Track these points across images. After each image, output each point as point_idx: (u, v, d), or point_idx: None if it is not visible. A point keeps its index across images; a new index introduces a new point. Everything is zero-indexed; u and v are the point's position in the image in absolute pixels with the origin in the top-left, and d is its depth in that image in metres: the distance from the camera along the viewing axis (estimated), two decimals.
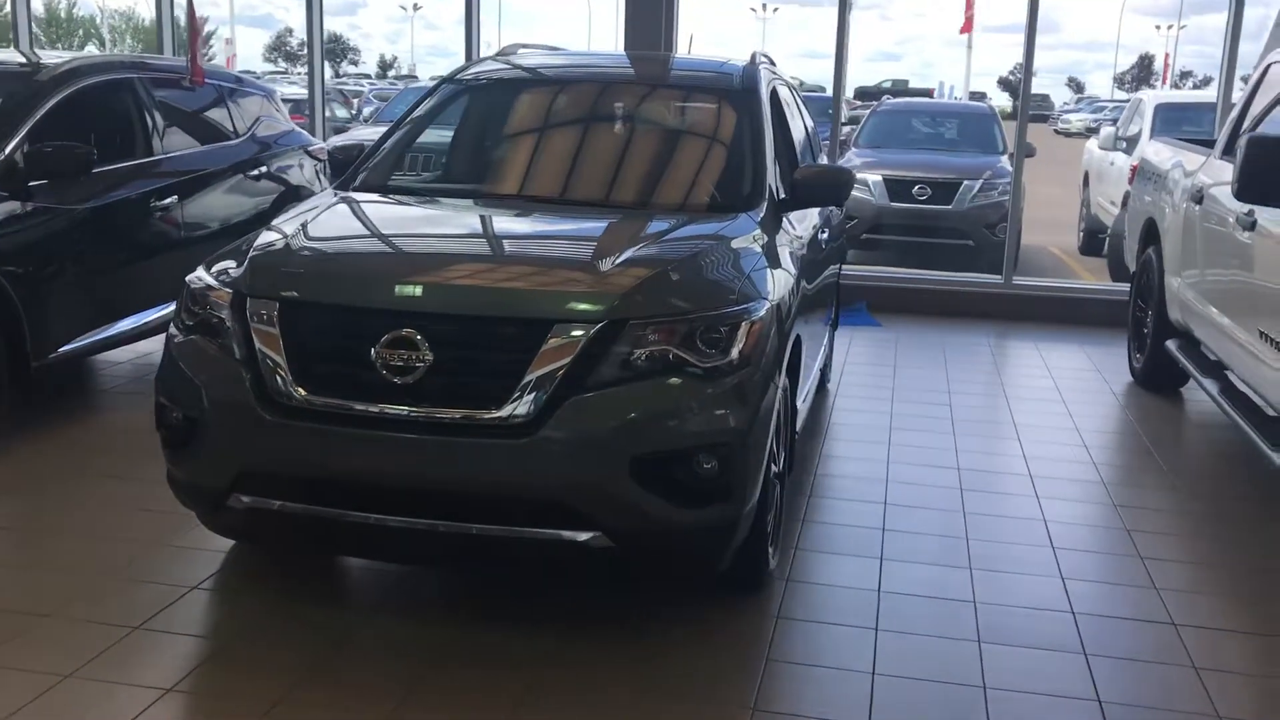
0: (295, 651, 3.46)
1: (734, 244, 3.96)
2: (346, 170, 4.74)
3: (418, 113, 4.98)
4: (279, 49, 65.41)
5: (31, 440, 5.27)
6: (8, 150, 5.18)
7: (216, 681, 3.31)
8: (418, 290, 3.44)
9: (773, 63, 6.36)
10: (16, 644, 3.45)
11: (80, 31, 58.56)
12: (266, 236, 3.83)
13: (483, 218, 4.25)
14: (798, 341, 4.19)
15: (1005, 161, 11.79)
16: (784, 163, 4.79)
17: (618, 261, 3.58)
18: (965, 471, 5.33)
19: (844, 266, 7.12)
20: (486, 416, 3.26)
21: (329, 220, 4.01)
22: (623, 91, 5.03)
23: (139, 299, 5.88)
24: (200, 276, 3.72)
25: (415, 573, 4.02)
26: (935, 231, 11.37)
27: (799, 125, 5.96)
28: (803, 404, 4.77)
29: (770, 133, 4.68)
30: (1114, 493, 5.15)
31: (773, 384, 3.65)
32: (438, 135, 5.30)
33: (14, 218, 5.12)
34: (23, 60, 6.01)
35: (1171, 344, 6.47)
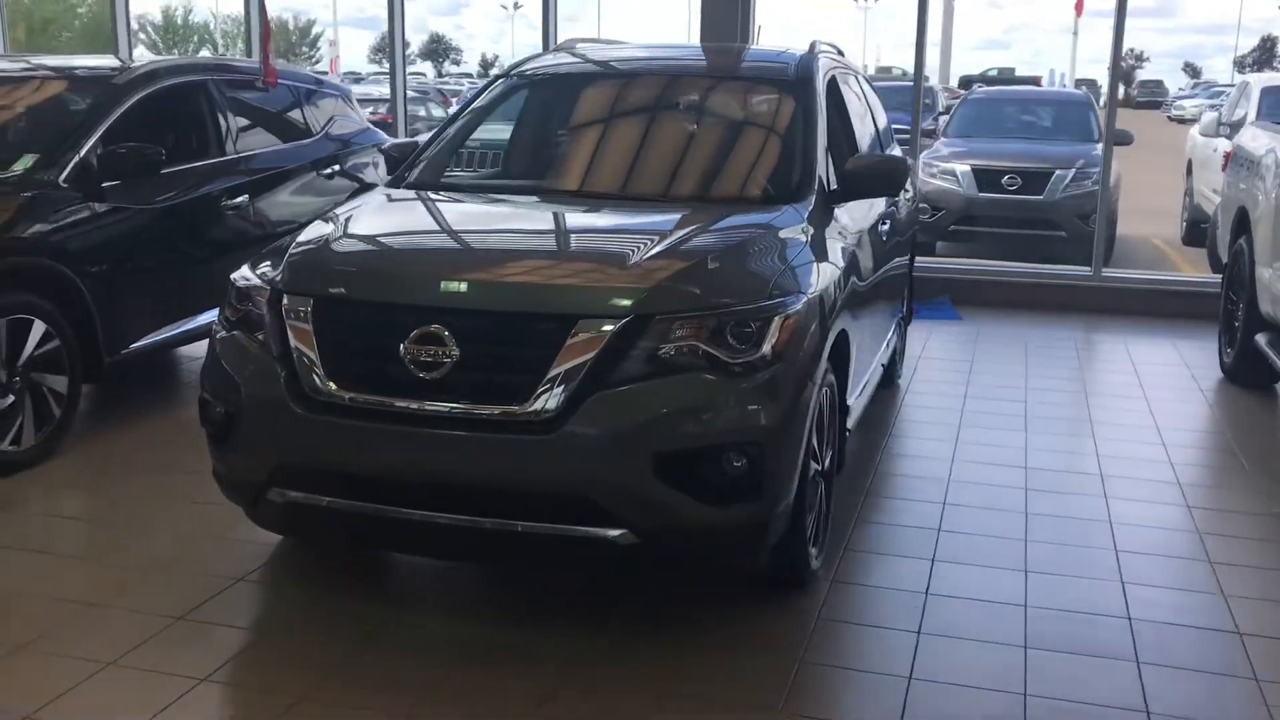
0: (327, 645, 3.49)
1: (775, 236, 3.88)
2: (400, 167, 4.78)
3: (471, 109, 5.00)
4: (383, 50, 66.71)
5: (102, 434, 5.44)
6: (83, 152, 5.34)
7: (249, 673, 3.37)
8: (444, 286, 3.44)
9: (840, 52, 6.26)
10: (66, 632, 3.55)
11: (195, 37, 60.46)
12: (306, 234, 3.88)
13: (523, 214, 4.24)
14: (844, 336, 4.10)
15: (1101, 150, 11.41)
16: (840, 154, 4.69)
17: (648, 256, 3.54)
18: (1033, 471, 5.17)
19: (928, 258, 7.04)
20: (511, 412, 3.25)
21: (368, 218, 4.04)
22: (675, 85, 4.98)
23: (211, 295, 5.99)
24: (244, 274, 3.78)
25: (454, 567, 4.04)
26: (1026, 223, 11.06)
27: (865, 115, 5.84)
28: (856, 400, 4.66)
29: (823, 123, 4.59)
30: (1189, 494, 4.94)
31: (811, 381, 3.57)
32: (501, 131, 5.32)
33: (88, 218, 5.27)
34: (107, 65, 6.18)
35: (1262, 338, 6.18)
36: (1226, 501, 4.88)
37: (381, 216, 4.07)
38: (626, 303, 3.32)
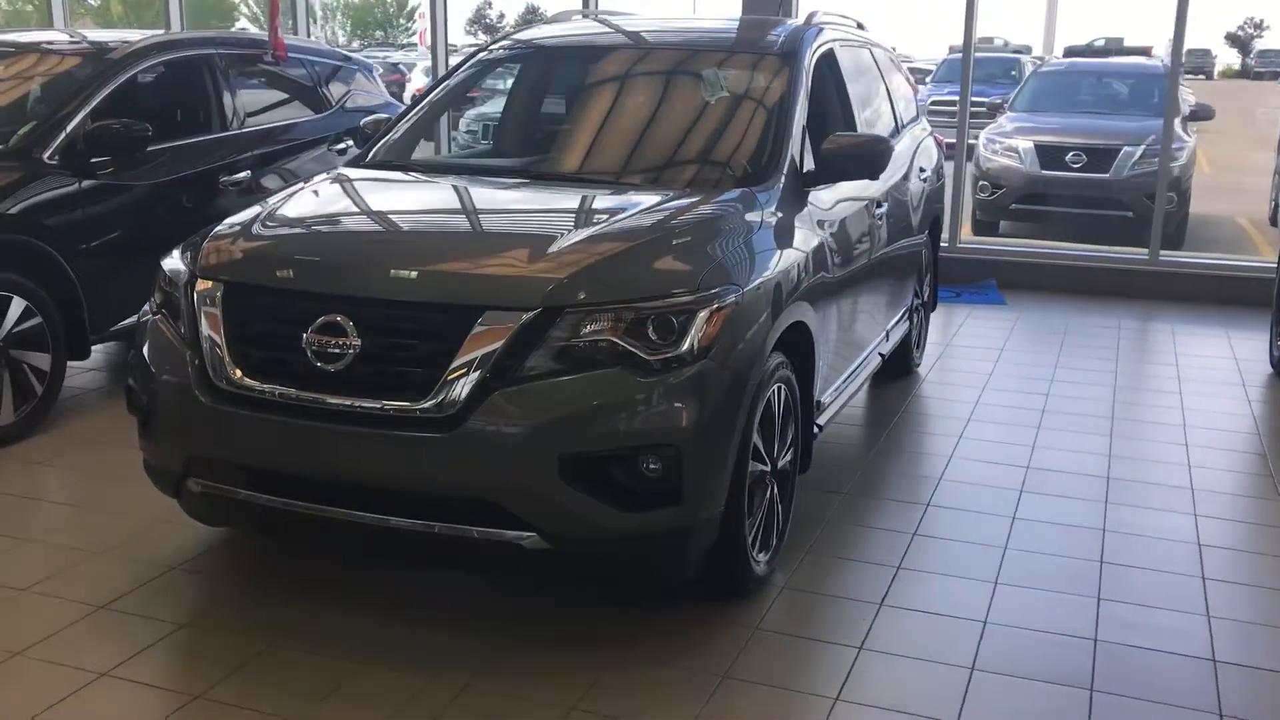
0: (239, 641, 3.39)
1: (723, 222, 3.66)
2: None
3: (445, 86, 4.84)
4: (479, 21, 66.81)
5: (90, 412, 5.43)
6: (69, 129, 5.31)
7: (150, 668, 3.26)
8: (347, 274, 3.30)
9: (861, 26, 5.98)
10: None
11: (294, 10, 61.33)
12: (234, 217, 3.76)
13: (460, 196, 4.05)
14: (803, 329, 3.86)
15: (1177, 125, 10.83)
16: (826, 133, 4.42)
17: (570, 243, 3.35)
18: (1034, 471, 4.86)
19: (975, 239, 6.62)
20: (410, 408, 3.10)
21: (300, 201, 3.89)
22: (652, 60, 4.75)
23: None
24: (170, 257, 3.68)
25: (391, 562, 3.91)
26: (1091, 202, 10.58)
27: (876, 92, 5.54)
28: (832, 395, 4.42)
29: (802, 101, 4.32)
30: (1200, 501, 4.59)
31: (747, 378, 3.35)
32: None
33: (74, 195, 5.25)
34: (100, 40, 6.15)
35: None
36: (1239, 511, 4.52)
37: (315, 199, 3.92)
38: (535, 294, 3.13)
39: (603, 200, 3.83)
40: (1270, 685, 3.28)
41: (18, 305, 4.97)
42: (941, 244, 8.82)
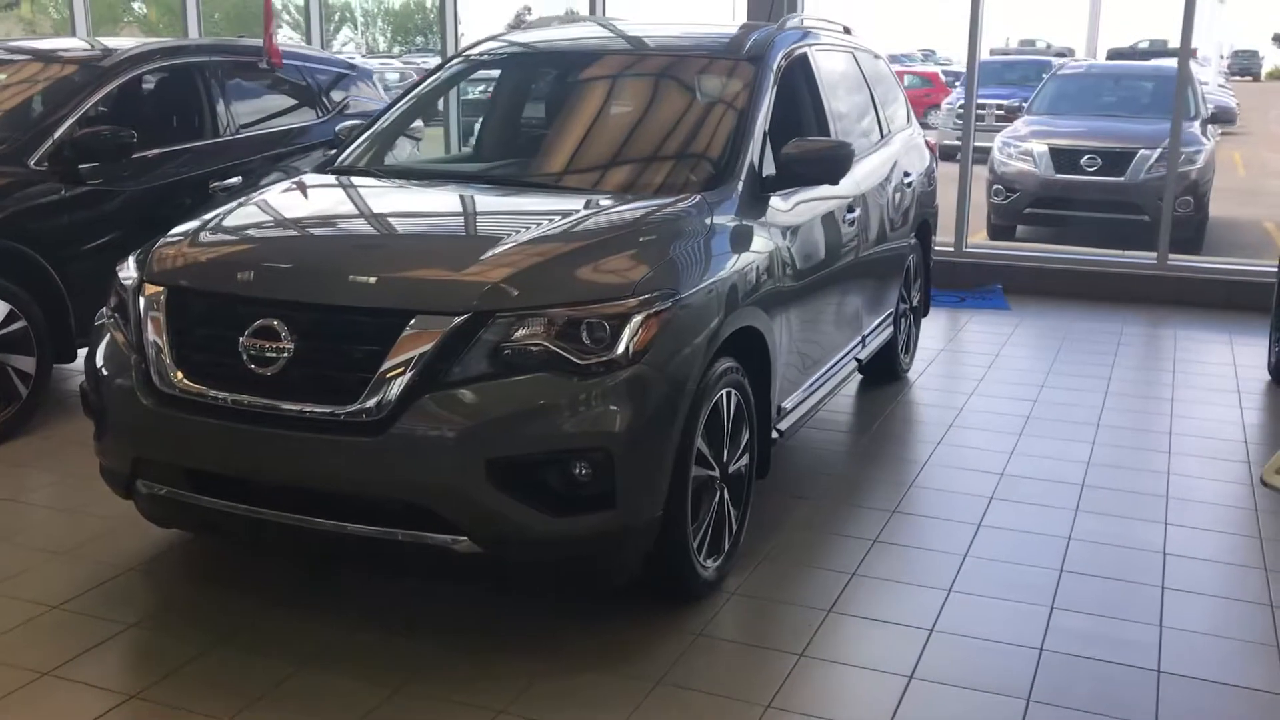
0: (181, 643, 3.42)
1: (667, 227, 3.65)
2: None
3: (415, 94, 4.87)
4: (516, 27, 67.27)
5: (67, 415, 5.50)
6: (57, 135, 5.40)
7: (91, 670, 3.30)
8: (282, 278, 3.33)
9: (848, 30, 5.96)
10: None
11: (336, 16, 62.08)
12: (184, 224, 3.80)
13: (413, 201, 4.07)
14: (755, 334, 3.85)
15: (1196, 128, 10.69)
16: (791, 139, 4.39)
17: (505, 247, 3.36)
18: (1007, 478, 4.81)
19: (982, 244, 6.55)
20: (339, 412, 3.12)
21: (252, 207, 3.93)
22: (618, 65, 4.75)
23: None
24: (125, 262, 3.73)
25: (339, 565, 3.93)
26: (1107, 206, 10.45)
27: (857, 97, 5.51)
28: (795, 400, 4.40)
29: (765, 106, 4.31)
30: (1173, 509, 4.51)
31: (685, 383, 3.34)
32: None
33: (59, 201, 5.33)
34: (97, 46, 6.25)
35: None
36: (1212, 520, 4.44)
37: (267, 205, 3.96)
38: (464, 298, 3.14)
39: (552, 204, 3.84)
40: (1212, 696, 3.23)
41: (1, 308, 5.05)
42: (947, 248, 8.84)
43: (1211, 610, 3.73)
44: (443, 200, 4.07)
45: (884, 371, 6.11)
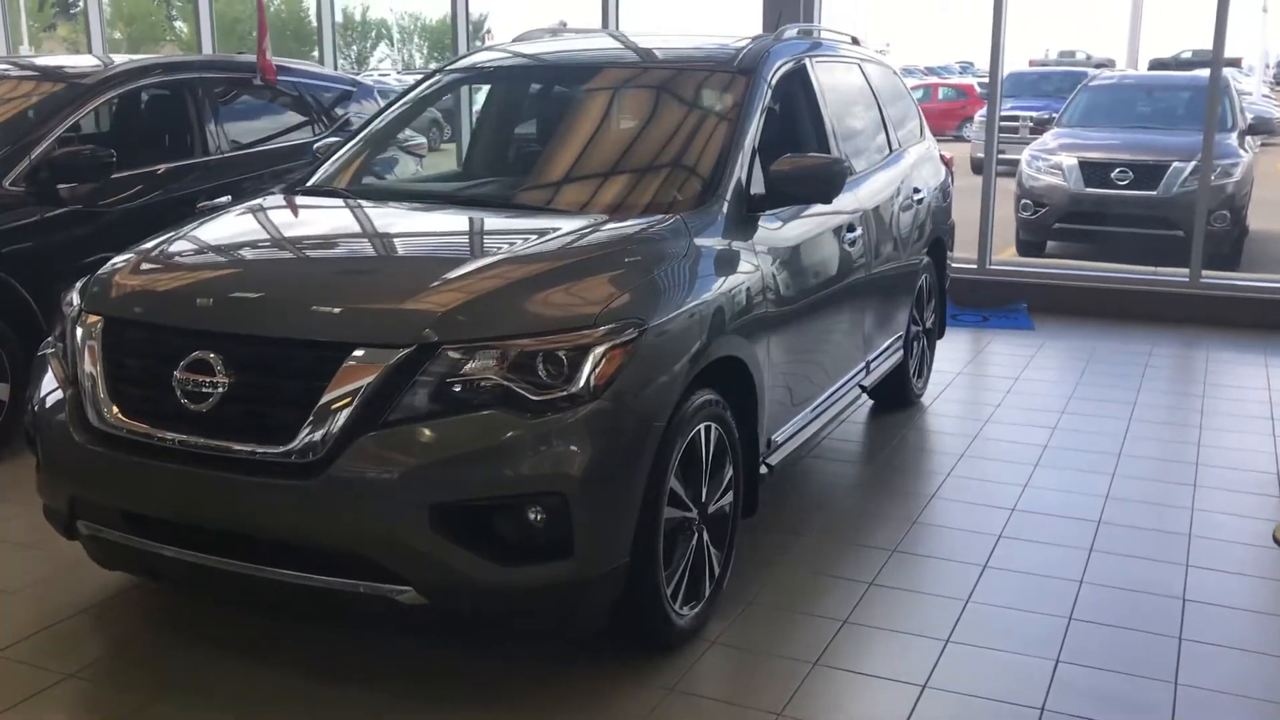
0: (121, 695, 3.21)
1: (638, 251, 3.42)
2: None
3: (392, 110, 4.67)
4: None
5: None
6: (34, 154, 5.25)
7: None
8: (216, 308, 3.11)
9: (855, 41, 5.72)
10: None
11: (373, 34, 62.33)
12: (132, 249, 3.60)
13: (374, 224, 3.86)
14: (737, 364, 3.61)
15: (1234, 139, 10.33)
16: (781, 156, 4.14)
17: (457, 275, 3.13)
18: (1019, 514, 4.52)
19: (1008, 260, 6.22)
20: (274, 452, 2.90)
21: (201, 231, 3.72)
22: (604, 79, 4.52)
23: None
24: (73, 289, 3.55)
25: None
26: (1138, 221, 10.10)
27: (864, 110, 5.26)
28: (789, 433, 4.14)
29: (755, 121, 4.07)
30: (1195, 549, 4.20)
31: (655, 419, 3.10)
32: None
33: (33, 224, 5.17)
34: (84, 64, 6.11)
35: None
36: (1236, 562, 4.12)
37: (217, 228, 3.75)
38: (408, 329, 2.92)
39: (521, 227, 3.62)
40: None
41: None
42: (970, 265, 8.54)
43: (1232, 665, 3.43)
44: (406, 222, 3.85)
45: (895, 398, 5.83)
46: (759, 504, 3.87)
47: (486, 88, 5.05)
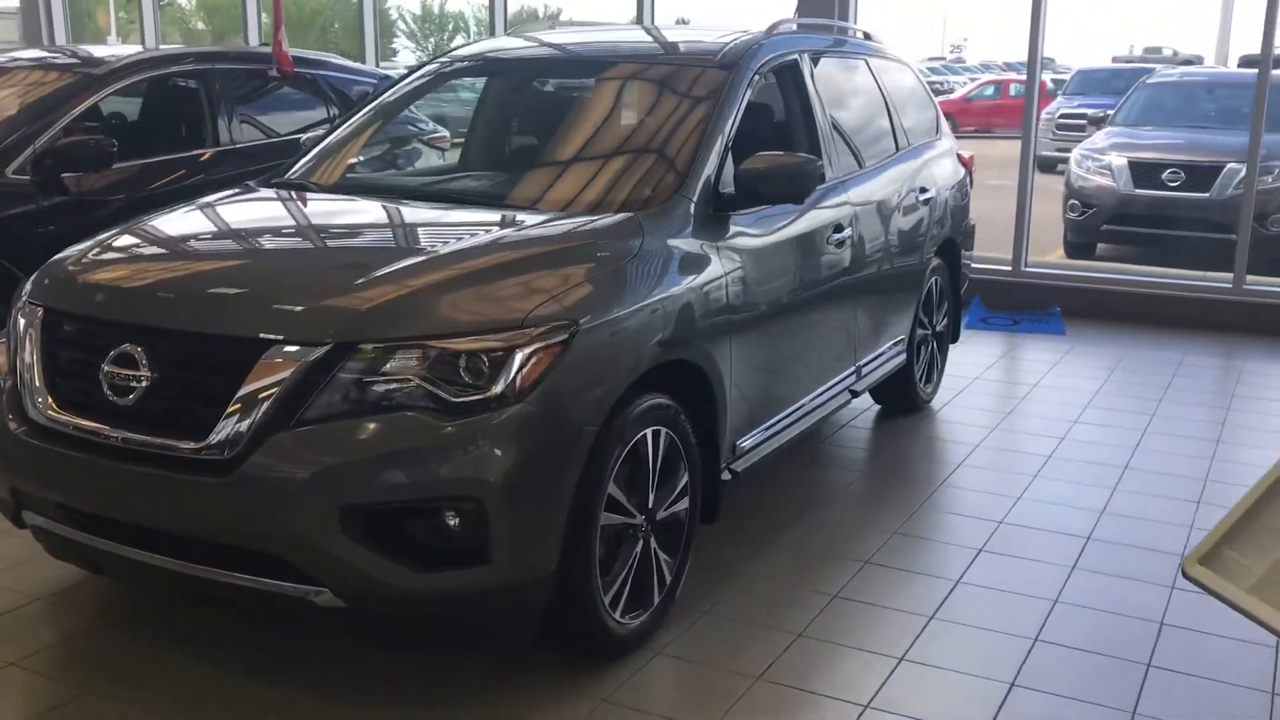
0: (55, 687, 3.22)
1: (582, 250, 3.35)
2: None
3: (374, 105, 4.63)
4: None
5: None
6: (39, 143, 5.31)
7: None
8: (142, 301, 3.09)
9: (868, 36, 5.59)
10: None
11: (450, 26, 62.88)
12: (88, 240, 3.60)
13: (321, 220, 3.82)
14: (694, 369, 3.51)
15: None
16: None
17: (383, 271, 3.07)
18: (1005, 527, 4.36)
19: (1043, 262, 6.00)
20: (187, 449, 2.87)
21: (152, 223, 3.70)
22: (581, 73, 4.45)
23: None
24: (29, 280, 3.56)
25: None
26: (1190, 223, 9.76)
27: (869, 109, 5.13)
28: (759, 439, 4.03)
29: (731, 117, 3.96)
30: (1165, 569, 4.01)
31: (586, 423, 3.02)
32: None
33: (34, 212, 5.23)
34: (91, 54, 6.17)
35: None
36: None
37: (168, 221, 3.73)
38: (326, 327, 2.87)
39: (469, 223, 3.56)
40: None
41: None
42: (1004, 267, 8.32)
43: (1199, 695, 3.26)
44: (352, 218, 3.80)
45: (900, 403, 5.68)
46: (719, 511, 3.77)
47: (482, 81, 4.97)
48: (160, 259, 3.49)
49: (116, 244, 3.52)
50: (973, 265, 6.46)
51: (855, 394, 4.86)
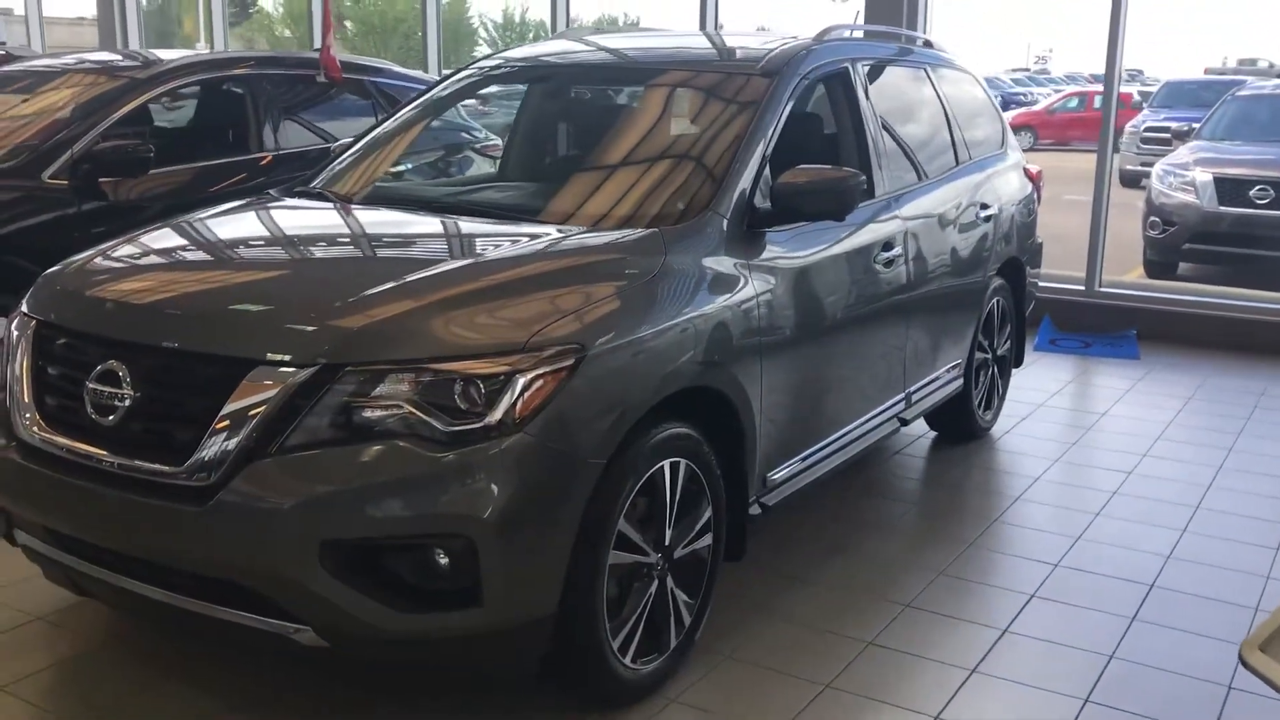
0: (33, 715, 3.08)
1: (594, 269, 3.14)
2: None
3: (403, 114, 4.47)
4: None
5: None
6: (76, 148, 5.24)
7: None
8: (127, 316, 2.94)
9: (929, 44, 5.32)
10: None
11: (530, 34, 63.20)
12: (91, 250, 3.48)
13: (327, 232, 3.66)
14: (718, 397, 3.28)
15: None
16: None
17: (379, 289, 2.89)
18: (1061, 570, 4.06)
19: (1119, 282, 5.64)
20: (167, 472, 2.71)
21: (154, 235, 3.55)
22: (617, 81, 4.25)
23: None
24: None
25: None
26: (1277, 243, 9.27)
27: (915, 120, 4.85)
28: (793, 471, 3.78)
29: (771, 128, 3.72)
30: (1227, 621, 3.67)
31: (591, 456, 2.80)
32: None
33: (70, 217, 5.16)
34: (145, 59, 6.11)
35: None
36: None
37: (170, 231, 3.59)
38: (312, 347, 2.69)
39: (483, 237, 3.37)
40: None
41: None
42: (1077, 287, 7.94)
43: None
44: (362, 229, 3.63)
45: (958, 431, 5.38)
46: (746, 549, 3.53)
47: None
48: (151, 271, 3.34)
49: (111, 255, 3.38)
50: (1041, 284, 6.15)
51: (905, 422, 4.58)
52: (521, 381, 2.69)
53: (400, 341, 2.72)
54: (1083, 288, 7.97)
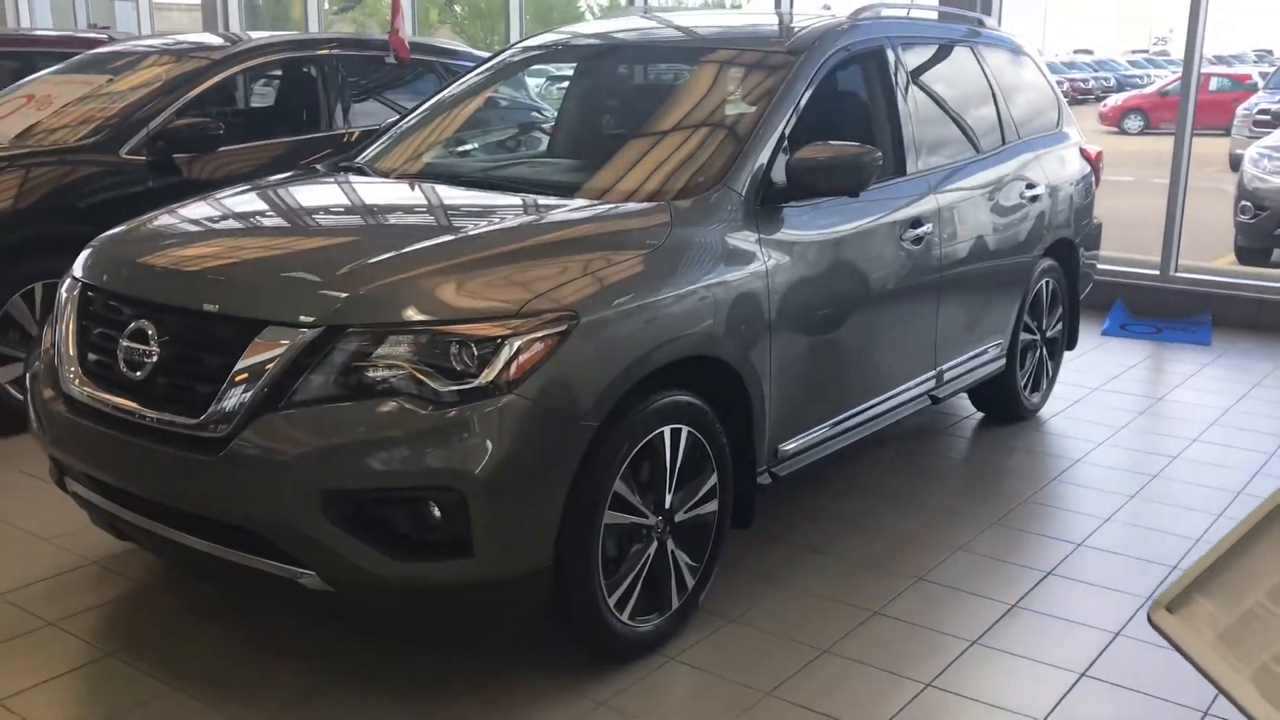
0: (81, 647, 3.33)
1: (595, 239, 3.26)
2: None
3: (453, 90, 4.63)
4: None
5: None
6: (153, 125, 5.52)
7: None
8: (153, 277, 3.16)
9: (981, 22, 5.31)
10: None
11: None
12: (141, 216, 3.71)
13: (354, 204, 3.83)
14: (724, 368, 3.38)
15: None
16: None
17: (384, 256, 3.04)
18: (1083, 549, 4.06)
19: (1194, 267, 5.55)
20: (183, 425, 2.91)
21: (196, 205, 3.77)
22: (648, 59, 4.35)
23: None
24: None
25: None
26: None
27: (956, 99, 4.84)
28: (808, 442, 3.84)
29: (791, 104, 3.79)
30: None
31: (584, 418, 2.92)
32: None
33: (145, 192, 5.41)
34: (213, 41, 6.38)
35: None
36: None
37: (211, 202, 3.80)
38: (319, 308, 2.85)
39: (492, 208, 3.52)
40: None
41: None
42: (1151, 272, 7.80)
43: None
44: (387, 202, 3.80)
45: (1003, 411, 5.37)
46: (753, 516, 3.62)
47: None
48: (181, 238, 3.55)
49: (152, 223, 3.61)
50: (1113, 268, 6.06)
51: (936, 400, 4.60)
52: (515, 345, 2.82)
53: (401, 305, 2.87)
54: (1157, 272, 7.81)
